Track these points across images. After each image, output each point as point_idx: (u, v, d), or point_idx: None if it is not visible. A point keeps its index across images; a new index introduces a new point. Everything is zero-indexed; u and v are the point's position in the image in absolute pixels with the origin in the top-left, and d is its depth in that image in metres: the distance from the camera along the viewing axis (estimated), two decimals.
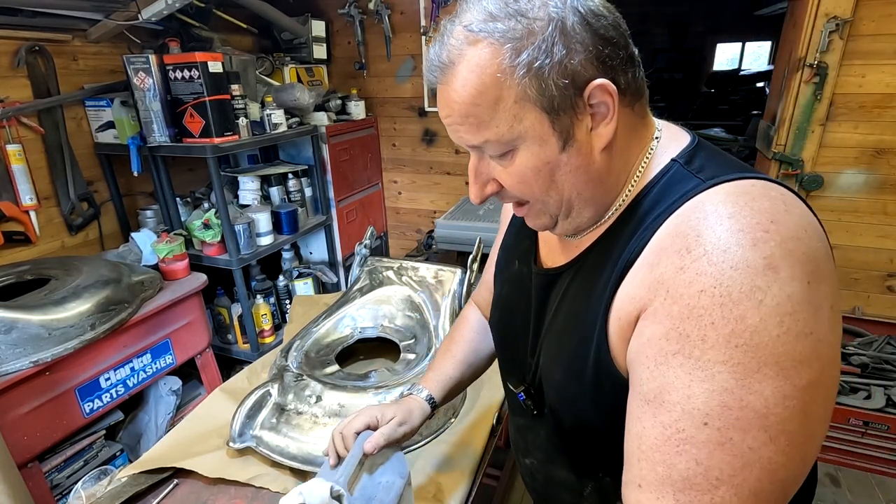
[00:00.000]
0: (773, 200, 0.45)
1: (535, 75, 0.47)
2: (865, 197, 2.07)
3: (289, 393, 1.04)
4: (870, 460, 2.05)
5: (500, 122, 0.50)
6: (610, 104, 0.50)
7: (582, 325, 0.56)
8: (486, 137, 0.52)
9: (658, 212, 0.51)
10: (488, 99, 0.50)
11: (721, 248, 0.42)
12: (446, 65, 0.51)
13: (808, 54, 1.94)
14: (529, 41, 0.47)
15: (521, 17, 0.47)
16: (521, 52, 0.47)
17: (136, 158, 1.92)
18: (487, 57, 0.48)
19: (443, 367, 0.88)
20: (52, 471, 1.46)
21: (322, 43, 2.69)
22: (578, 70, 0.48)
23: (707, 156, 0.54)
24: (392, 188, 3.07)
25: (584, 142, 0.52)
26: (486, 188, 0.58)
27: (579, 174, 0.53)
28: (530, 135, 0.51)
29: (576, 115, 0.50)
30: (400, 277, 1.42)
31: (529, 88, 0.48)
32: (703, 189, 0.48)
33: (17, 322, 1.32)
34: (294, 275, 2.44)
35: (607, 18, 0.50)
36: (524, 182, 0.55)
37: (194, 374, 1.95)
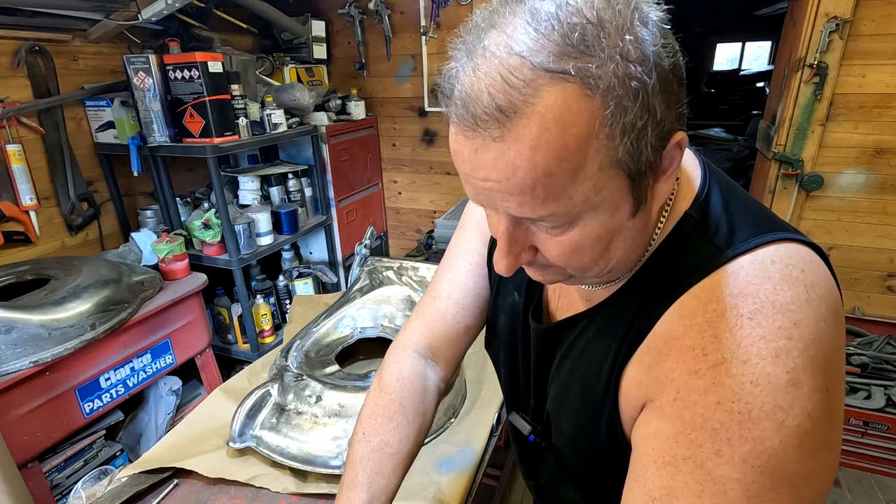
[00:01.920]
0: (794, 286, 0.40)
1: (636, 138, 0.37)
2: (865, 197, 2.07)
3: (289, 393, 1.04)
4: (870, 460, 2.05)
5: (576, 192, 0.39)
6: (676, 158, 0.42)
7: (590, 388, 0.53)
8: (553, 211, 0.40)
9: (670, 283, 0.46)
10: (569, 167, 0.37)
11: (741, 358, 0.39)
12: (507, 112, 0.36)
13: (808, 54, 1.94)
14: (635, 98, 0.36)
15: (623, 60, 0.35)
16: (627, 111, 0.36)
17: (136, 158, 1.92)
18: (578, 110, 0.35)
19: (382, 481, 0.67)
20: (52, 471, 1.46)
21: (322, 43, 2.69)
22: (670, 126, 0.39)
23: (721, 203, 0.48)
24: (392, 188, 3.07)
25: (649, 202, 0.44)
26: (521, 257, 0.47)
27: (637, 239, 0.46)
28: (606, 204, 0.41)
29: (654, 176, 0.42)
30: (400, 277, 1.42)
31: (623, 153, 0.38)
32: (719, 264, 0.43)
33: (17, 322, 1.32)
34: (294, 275, 2.44)
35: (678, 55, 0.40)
36: (577, 252, 0.44)
37: (194, 374, 1.95)
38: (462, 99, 0.38)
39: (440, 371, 0.75)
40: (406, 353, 0.73)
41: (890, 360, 2.05)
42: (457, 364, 0.78)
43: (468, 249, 0.73)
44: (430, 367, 0.73)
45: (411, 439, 0.69)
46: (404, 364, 0.72)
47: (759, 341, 0.39)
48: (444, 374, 0.75)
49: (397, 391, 0.69)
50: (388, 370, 0.72)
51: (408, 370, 0.71)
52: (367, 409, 0.70)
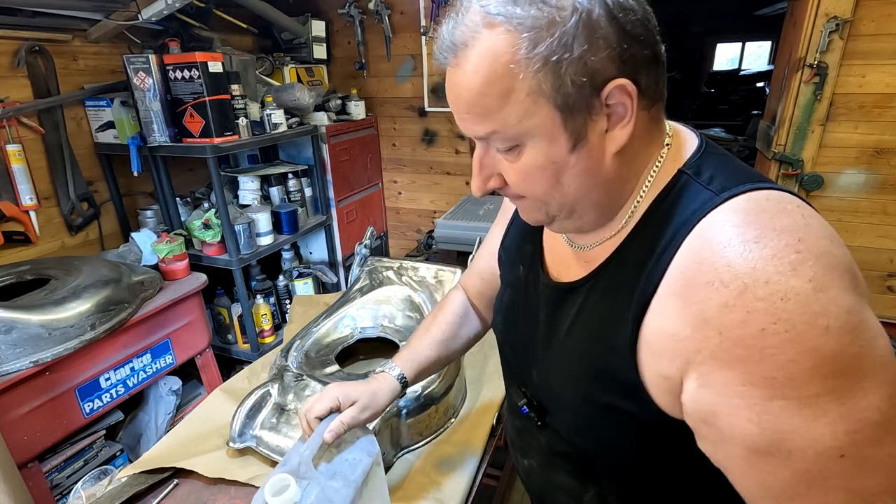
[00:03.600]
0: (791, 215, 0.44)
1: (552, 70, 0.45)
2: (865, 197, 2.07)
3: (289, 393, 1.04)
4: None
5: (509, 114, 0.48)
6: (628, 106, 0.47)
7: (601, 350, 0.54)
8: (493, 128, 0.49)
9: (673, 228, 0.49)
10: (499, 89, 0.47)
11: (762, 279, 0.41)
12: (458, 46, 0.48)
13: (808, 54, 1.94)
14: (549, 32, 0.44)
15: (543, 5, 0.44)
16: (540, 44, 0.44)
17: (136, 158, 1.92)
18: (503, 44, 0.45)
19: (419, 346, 0.86)
20: (52, 471, 1.46)
21: (322, 43, 2.69)
22: (598, 68, 0.45)
23: (716, 164, 0.52)
24: (392, 188, 3.07)
25: (596, 144, 0.49)
26: (490, 182, 0.56)
27: (587, 177, 0.51)
28: (540, 131, 0.48)
29: (590, 116, 0.47)
30: (400, 277, 1.42)
31: (544, 83, 0.45)
32: (717, 204, 0.47)
33: (17, 322, 1.32)
34: (294, 275, 2.44)
35: (636, 13, 0.46)
36: (528, 180, 0.52)
37: (194, 374, 1.95)
38: (440, 39, 0.50)
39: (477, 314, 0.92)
40: (458, 290, 0.94)
41: None
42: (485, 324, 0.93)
43: (493, 229, 0.87)
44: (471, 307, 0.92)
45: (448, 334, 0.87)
46: (455, 294, 0.93)
47: (772, 260, 0.41)
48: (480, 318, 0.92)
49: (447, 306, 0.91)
50: (447, 295, 0.95)
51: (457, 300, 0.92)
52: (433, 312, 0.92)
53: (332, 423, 0.71)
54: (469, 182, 2.81)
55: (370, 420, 0.77)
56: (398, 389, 0.80)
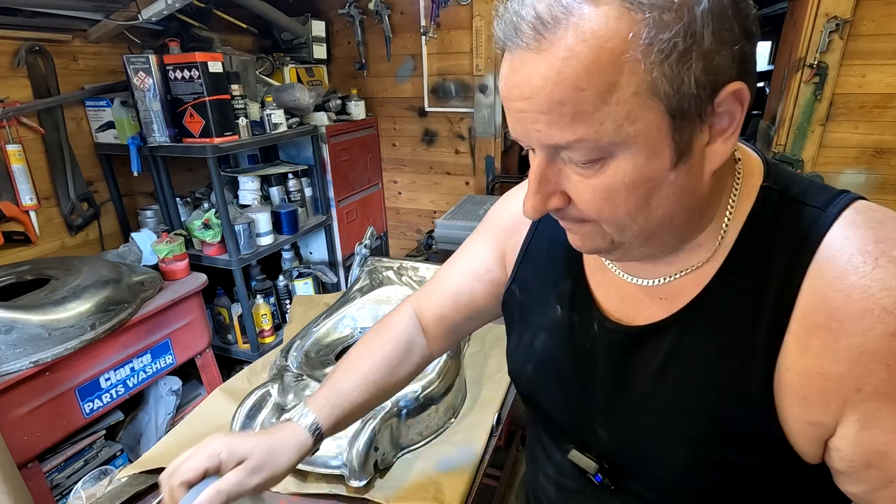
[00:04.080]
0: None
1: (677, 63, 0.35)
2: None
3: (289, 393, 1.04)
4: None
5: (607, 117, 0.37)
6: (737, 115, 0.40)
7: (719, 401, 0.46)
8: (581, 135, 0.38)
9: (787, 253, 0.43)
10: (601, 83, 0.36)
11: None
12: (545, 23, 0.36)
13: (808, 54, 1.94)
14: (678, 15, 0.34)
15: None
16: (666, 29, 0.34)
17: (136, 158, 1.92)
18: (616, 26, 0.35)
19: (344, 386, 0.68)
20: (52, 471, 1.46)
21: (322, 43, 2.69)
22: (723, 66, 0.37)
23: (790, 175, 0.47)
24: (392, 188, 3.07)
25: (698, 161, 0.41)
26: (551, 201, 0.44)
27: (682, 199, 0.42)
28: (641, 141, 0.38)
29: (701, 125, 0.39)
30: (400, 277, 1.42)
31: (661, 80, 0.36)
32: (830, 221, 0.42)
33: (17, 322, 1.32)
34: (294, 275, 2.44)
35: (752, 7, 0.38)
36: (611, 201, 0.42)
37: (194, 374, 1.95)
38: (513, 13, 0.38)
39: (426, 344, 0.77)
40: (407, 313, 0.77)
41: None
42: (441, 347, 0.78)
43: (469, 248, 0.74)
44: (418, 332, 0.76)
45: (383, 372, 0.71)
46: (401, 318, 0.76)
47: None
48: (428, 349, 0.77)
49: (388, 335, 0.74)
50: (388, 317, 0.78)
51: (401, 326, 0.75)
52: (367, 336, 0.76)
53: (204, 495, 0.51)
54: (469, 182, 2.83)
55: (264, 487, 0.58)
56: (308, 445, 0.62)
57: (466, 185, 2.86)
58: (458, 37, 2.55)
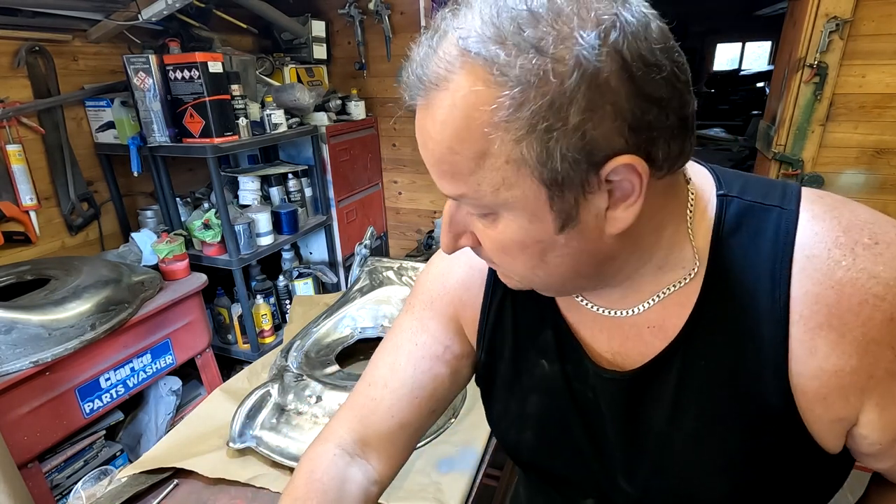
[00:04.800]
0: (852, 204, 0.45)
1: (539, 139, 0.35)
2: (865, 197, 2.07)
3: (289, 393, 1.04)
4: None
5: (483, 181, 0.38)
6: (636, 186, 0.38)
7: (744, 423, 0.45)
8: (463, 192, 0.40)
9: (765, 258, 0.43)
10: (472, 150, 0.37)
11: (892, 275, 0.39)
12: (428, 83, 0.38)
13: (808, 54, 1.94)
14: (540, 91, 0.34)
15: (537, 54, 0.33)
16: (525, 105, 0.34)
17: (136, 158, 1.92)
18: (479, 98, 0.35)
19: None
20: (52, 471, 1.46)
21: (322, 43, 2.69)
22: (600, 141, 0.35)
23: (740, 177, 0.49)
24: (392, 188, 3.07)
25: (593, 225, 0.40)
26: (461, 240, 0.46)
27: (581, 257, 0.42)
28: (520, 206, 0.39)
29: (584, 195, 0.38)
30: (400, 277, 1.42)
31: (527, 153, 0.36)
32: (794, 218, 0.43)
33: (17, 322, 1.32)
34: (294, 275, 2.44)
35: (662, 70, 0.35)
36: (507, 253, 0.43)
37: (194, 374, 1.95)
38: (409, 67, 0.41)
39: (373, 469, 0.63)
40: (325, 450, 0.61)
41: None
42: (400, 461, 0.65)
43: (414, 329, 0.63)
44: (356, 465, 0.61)
45: None
46: (319, 463, 0.59)
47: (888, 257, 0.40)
48: (378, 472, 0.63)
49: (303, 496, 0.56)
50: (299, 469, 0.60)
51: (321, 471, 0.58)
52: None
53: None
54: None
55: None
56: None
57: None
58: None
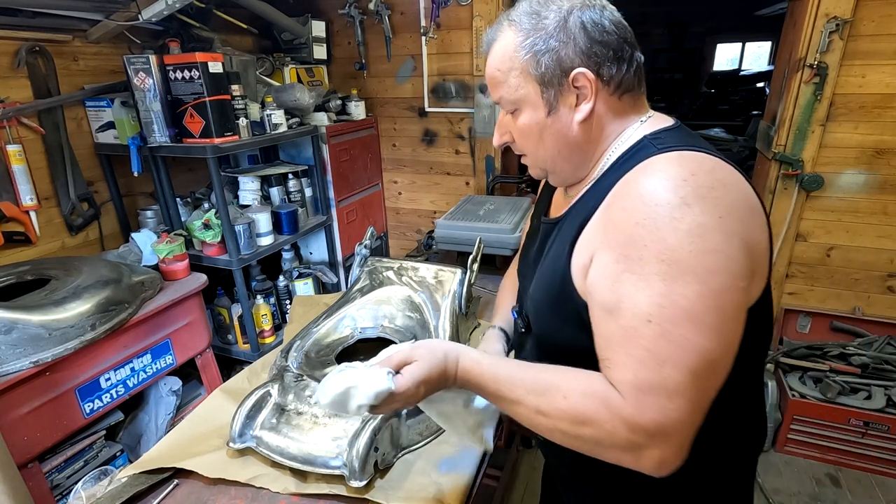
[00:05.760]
0: (701, 163, 0.58)
1: (535, 56, 0.66)
2: (866, 197, 2.07)
3: (289, 393, 1.04)
4: (870, 461, 2.05)
5: (510, 85, 0.70)
6: (589, 88, 0.66)
7: (558, 261, 0.69)
8: (501, 94, 0.72)
9: (622, 171, 0.64)
10: (505, 66, 0.70)
11: (650, 191, 0.57)
12: (492, 40, 0.72)
13: (808, 54, 1.94)
14: (538, 33, 0.66)
15: (537, 16, 0.67)
16: (529, 38, 0.67)
17: (137, 159, 1.92)
18: (510, 38, 0.69)
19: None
20: (52, 471, 1.46)
21: (322, 43, 2.69)
22: (567, 58, 0.66)
23: (675, 135, 0.66)
24: (392, 188, 3.07)
25: (566, 113, 0.69)
26: (504, 136, 0.77)
27: (560, 137, 0.71)
28: (528, 99, 0.70)
29: (561, 92, 0.68)
30: (400, 277, 1.42)
31: (529, 64, 0.67)
32: (654, 154, 0.62)
33: (17, 322, 1.32)
34: (294, 275, 2.44)
35: (604, 27, 0.66)
36: (524, 136, 0.74)
37: (194, 374, 1.95)
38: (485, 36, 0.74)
39: None
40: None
41: (890, 361, 2.05)
42: None
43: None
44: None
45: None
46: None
47: (665, 181, 0.57)
48: None
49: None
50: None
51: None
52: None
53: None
54: (469, 182, 2.83)
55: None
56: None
57: (466, 186, 2.86)
58: (458, 37, 2.56)
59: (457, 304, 1.32)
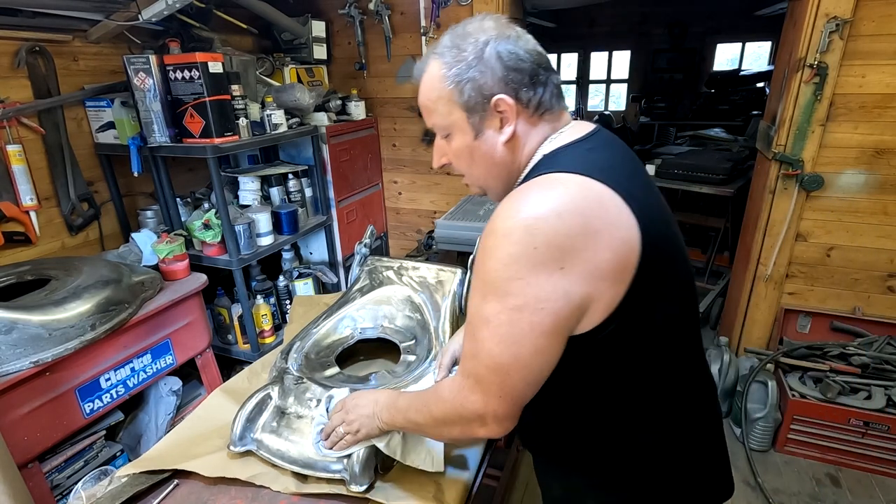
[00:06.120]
0: (542, 191, 0.65)
1: (458, 84, 0.73)
2: (866, 197, 2.07)
3: (289, 396, 1.04)
4: (870, 461, 2.05)
5: (440, 112, 0.76)
6: (510, 112, 0.73)
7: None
8: (433, 121, 0.79)
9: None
10: (433, 95, 0.76)
11: (494, 218, 0.67)
12: (420, 72, 0.78)
13: (809, 54, 1.94)
14: (459, 64, 0.72)
15: (458, 49, 0.73)
16: (452, 69, 0.73)
17: (137, 159, 1.92)
18: (436, 70, 0.75)
19: None
20: (52, 471, 1.46)
21: (322, 43, 2.68)
22: (487, 86, 0.72)
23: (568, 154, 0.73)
24: (392, 188, 3.07)
25: (491, 136, 0.76)
26: (442, 159, 0.83)
27: (487, 158, 0.78)
28: (457, 125, 0.76)
29: (485, 116, 0.74)
30: (400, 277, 1.42)
31: (454, 93, 0.73)
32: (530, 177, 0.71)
33: (17, 322, 1.32)
34: (294, 275, 2.44)
35: (519, 55, 0.72)
36: (457, 158, 0.80)
37: (194, 374, 1.95)
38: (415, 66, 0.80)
39: None
40: None
41: (890, 361, 2.05)
42: None
43: None
44: None
45: None
46: None
47: (505, 210, 0.66)
48: None
49: None
50: None
51: None
52: None
53: None
54: None
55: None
56: None
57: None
58: None
59: (457, 304, 1.31)
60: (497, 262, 0.65)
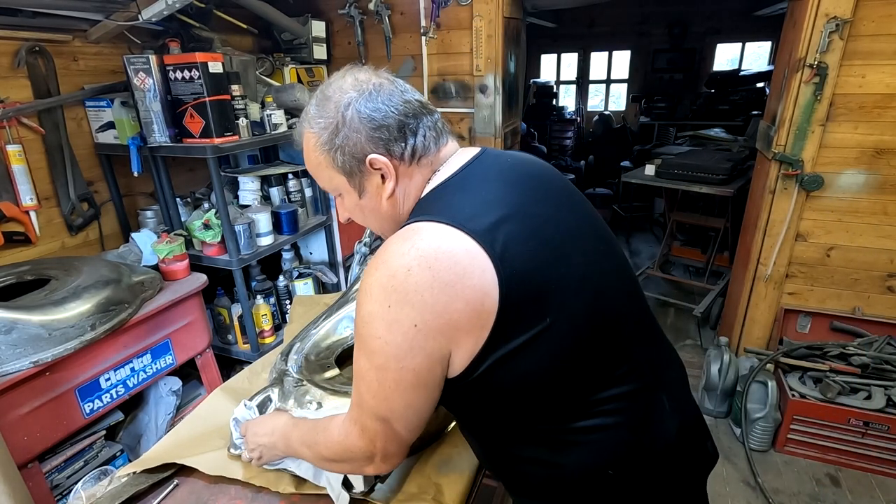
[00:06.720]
0: (399, 244, 0.66)
1: (330, 151, 0.74)
2: (865, 197, 2.07)
3: (289, 398, 1.04)
4: (870, 461, 2.05)
5: (323, 177, 0.79)
6: (386, 169, 0.74)
7: None
8: (322, 186, 0.82)
9: None
10: (313, 164, 0.78)
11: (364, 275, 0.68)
12: (299, 141, 0.80)
13: (808, 54, 1.94)
14: (326, 132, 0.73)
15: (324, 118, 0.74)
16: (321, 137, 0.74)
17: (137, 159, 1.92)
18: (309, 140, 0.76)
19: None
20: (52, 471, 1.46)
21: (322, 43, 2.69)
22: (358, 147, 0.73)
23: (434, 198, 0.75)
24: None
25: (374, 193, 0.77)
26: (345, 214, 0.85)
27: (375, 214, 0.80)
28: (342, 188, 0.78)
29: (364, 176, 0.75)
30: None
31: (330, 159, 0.75)
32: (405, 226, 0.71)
33: (17, 322, 1.32)
34: (294, 275, 2.44)
35: (381, 111, 0.72)
36: (353, 214, 0.84)
37: (194, 374, 1.95)
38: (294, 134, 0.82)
39: None
40: None
41: (890, 361, 2.05)
42: None
43: None
44: None
45: None
46: None
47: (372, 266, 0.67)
48: None
49: None
50: None
51: None
52: None
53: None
54: None
55: None
56: None
57: None
58: (458, 37, 2.55)
59: None
60: (360, 320, 0.67)
